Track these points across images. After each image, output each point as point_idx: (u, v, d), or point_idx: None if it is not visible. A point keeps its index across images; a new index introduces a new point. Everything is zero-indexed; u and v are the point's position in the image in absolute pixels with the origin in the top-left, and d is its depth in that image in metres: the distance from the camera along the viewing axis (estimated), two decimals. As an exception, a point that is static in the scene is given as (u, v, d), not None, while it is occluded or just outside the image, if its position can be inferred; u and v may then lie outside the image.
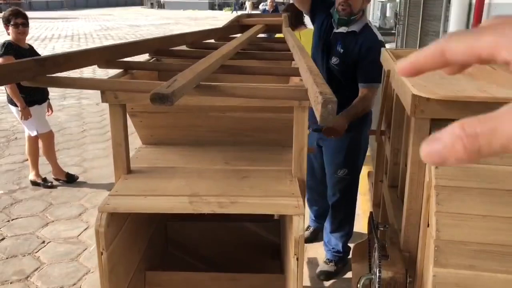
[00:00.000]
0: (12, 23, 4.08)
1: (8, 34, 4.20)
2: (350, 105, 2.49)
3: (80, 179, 4.72)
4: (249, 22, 2.69)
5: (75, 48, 15.15)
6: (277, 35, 3.14)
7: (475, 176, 1.20)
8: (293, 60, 1.64)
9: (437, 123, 1.28)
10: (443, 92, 1.22)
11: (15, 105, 4.16)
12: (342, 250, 3.00)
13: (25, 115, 4.16)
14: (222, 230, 2.08)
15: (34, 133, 4.37)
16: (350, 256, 3.06)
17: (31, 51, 4.28)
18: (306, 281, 2.98)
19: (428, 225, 1.25)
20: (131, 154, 1.58)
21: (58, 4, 37.29)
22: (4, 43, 4.13)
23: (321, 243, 3.22)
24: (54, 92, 8.66)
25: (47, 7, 34.88)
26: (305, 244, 3.35)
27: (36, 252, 3.41)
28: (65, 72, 1.38)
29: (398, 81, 1.53)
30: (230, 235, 2.08)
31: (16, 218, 3.91)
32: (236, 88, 1.23)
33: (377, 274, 1.29)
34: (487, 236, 1.16)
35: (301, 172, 1.49)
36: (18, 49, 4.12)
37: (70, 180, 4.58)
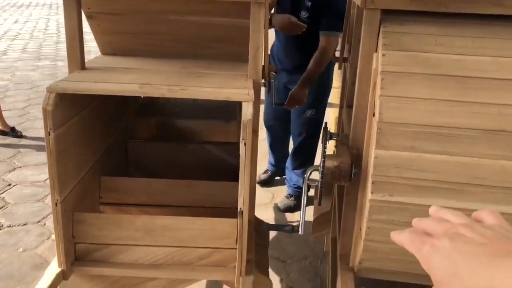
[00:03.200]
0: None
1: None
2: (306, 70, 2.59)
3: (51, 131, 4.66)
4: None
5: (52, 16, 14.80)
6: None
7: (420, 62, 1.23)
8: None
9: (387, 15, 1.29)
10: (393, -21, 1.24)
11: None
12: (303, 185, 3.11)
13: None
14: (183, 151, 2.09)
15: None
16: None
17: None
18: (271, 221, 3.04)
19: (373, 115, 1.28)
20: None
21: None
22: None
23: (276, 188, 3.39)
24: (28, 54, 8.49)
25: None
26: (263, 187, 3.42)
27: (2, 194, 3.38)
28: None
29: (355, -13, 1.55)
30: (190, 157, 2.09)
31: (-18, 163, 3.86)
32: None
33: (322, 163, 1.32)
34: (427, 118, 1.19)
35: (257, 73, 1.50)
36: None
37: (14, 134, 4.44)
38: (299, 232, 1.38)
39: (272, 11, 2.69)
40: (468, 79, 1.20)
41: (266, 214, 3.05)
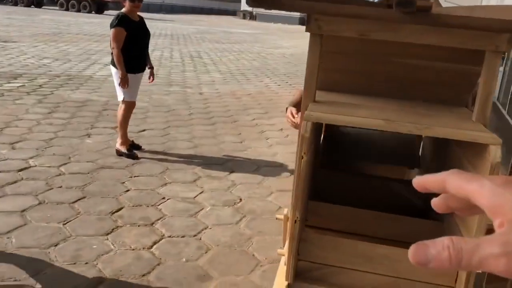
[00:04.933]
0: None
1: (123, 6, 4.46)
2: None
3: (191, 152, 5.02)
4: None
5: (174, 46, 15.99)
6: None
7: None
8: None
9: None
10: None
11: (116, 68, 4.38)
12: None
13: (123, 83, 4.39)
14: (366, 185, 2.17)
15: (120, 98, 4.57)
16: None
17: (141, 23, 4.56)
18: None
19: None
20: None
21: (157, 7, 39.77)
22: (118, 15, 4.39)
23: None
24: (160, 79, 9.25)
25: (148, 9, 37.18)
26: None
27: (158, 205, 3.69)
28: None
29: None
30: (373, 191, 2.16)
31: (137, 176, 4.24)
32: (449, 17, 1.33)
33: None
34: None
35: (484, 118, 1.54)
36: (130, 21, 4.39)
37: (135, 148, 4.73)
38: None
39: None
40: None
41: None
